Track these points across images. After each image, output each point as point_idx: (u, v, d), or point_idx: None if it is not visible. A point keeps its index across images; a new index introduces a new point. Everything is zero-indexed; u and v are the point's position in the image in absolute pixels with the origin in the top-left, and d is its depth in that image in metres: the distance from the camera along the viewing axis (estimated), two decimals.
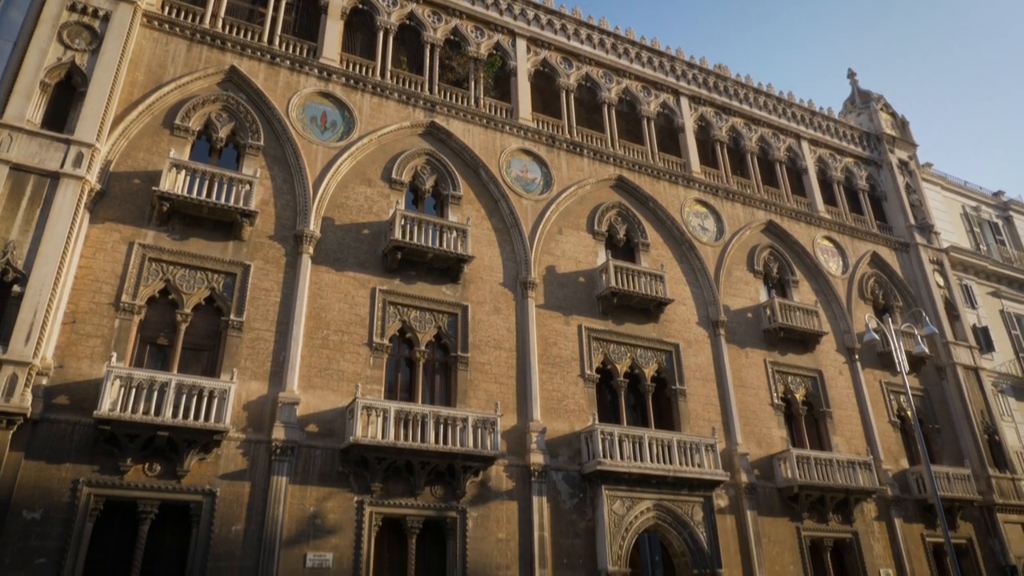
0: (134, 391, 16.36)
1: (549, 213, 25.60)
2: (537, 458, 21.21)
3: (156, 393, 16.65)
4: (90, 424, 16.26)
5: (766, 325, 28.18)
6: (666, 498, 22.37)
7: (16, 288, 16.45)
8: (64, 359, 16.94)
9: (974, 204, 41.17)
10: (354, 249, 21.80)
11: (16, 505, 15.22)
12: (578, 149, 27.68)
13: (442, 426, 19.44)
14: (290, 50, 23.79)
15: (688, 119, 31.68)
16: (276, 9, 24.28)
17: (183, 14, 22.46)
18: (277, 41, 23.67)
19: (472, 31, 27.77)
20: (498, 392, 21.85)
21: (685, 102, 32.02)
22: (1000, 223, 41.53)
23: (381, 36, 25.77)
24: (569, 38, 30.06)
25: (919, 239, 35.22)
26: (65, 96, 19.36)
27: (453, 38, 27.53)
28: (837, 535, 25.58)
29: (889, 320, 22.89)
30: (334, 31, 24.77)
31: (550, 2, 29.98)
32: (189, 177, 19.47)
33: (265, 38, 23.50)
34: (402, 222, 21.84)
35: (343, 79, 24.08)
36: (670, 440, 22.72)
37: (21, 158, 17.69)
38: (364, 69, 24.92)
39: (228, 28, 23.11)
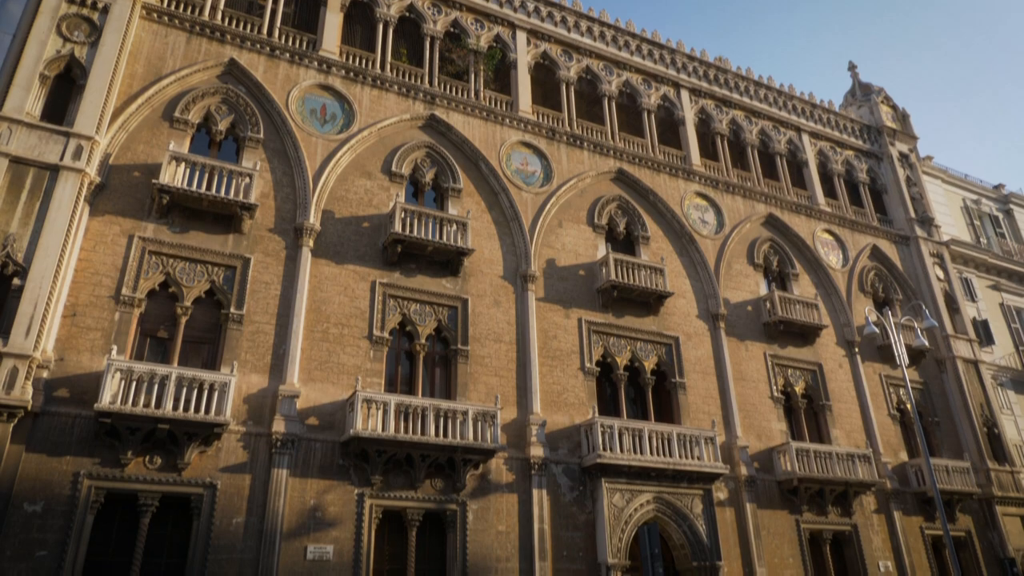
0: (134, 384, 16.39)
1: (549, 206, 25.57)
2: (537, 451, 21.25)
3: (156, 386, 16.67)
4: (91, 417, 16.29)
5: (766, 318, 28.19)
6: (666, 491, 22.43)
7: (16, 281, 16.46)
8: (64, 352, 16.95)
9: (975, 197, 41.14)
10: (354, 242, 21.79)
11: (17, 497, 15.27)
12: (578, 142, 27.63)
13: (442, 419, 19.47)
14: (289, 42, 23.73)
15: (688, 112, 31.62)
16: (275, 1, 24.21)
17: (182, 6, 22.40)
18: (276, 33, 23.61)
19: (472, 23, 27.69)
20: (498, 385, 21.88)
21: (685, 95, 31.95)
22: (1000, 216, 41.50)
23: (381, 28, 25.69)
24: (569, 30, 29.98)
25: (919, 232, 35.20)
26: (64, 89, 19.33)
27: (453, 30, 27.45)
28: (836, 528, 25.66)
29: (889, 313, 22.88)
30: (333, 23, 24.70)
31: None
32: (189, 170, 19.45)
33: (264, 30, 23.45)
34: (402, 215, 21.82)
35: (343, 71, 24.02)
36: (670, 433, 22.76)
37: (21, 151, 17.67)
38: (364, 61, 24.85)
39: (227, 20, 23.04)
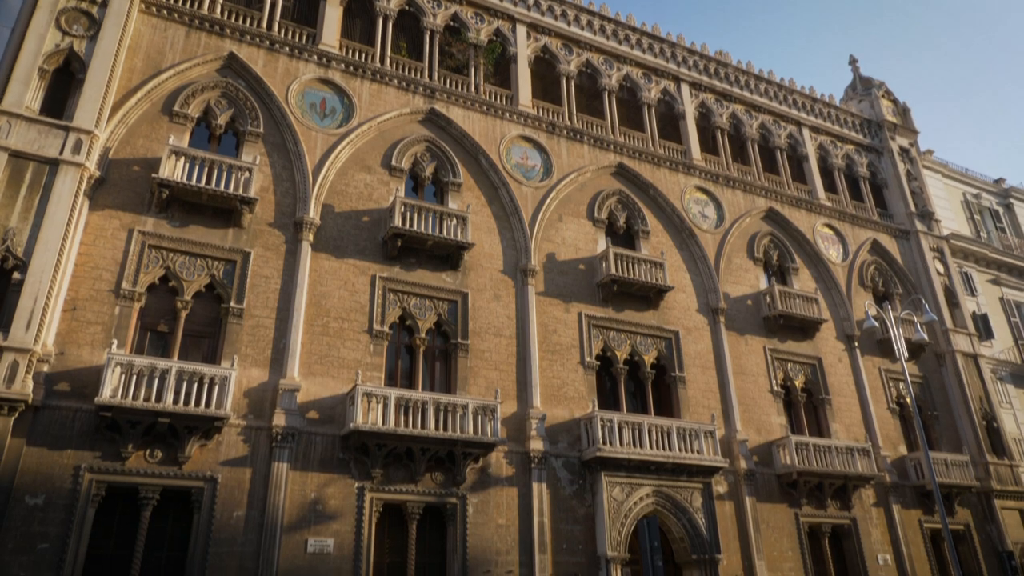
0: (135, 378, 16.41)
1: (549, 200, 25.56)
2: (537, 444, 21.29)
3: (157, 380, 16.70)
4: (91, 411, 16.32)
5: (766, 312, 28.21)
6: (665, 484, 22.48)
7: (16, 275, 16.47)
8: (65, 346, 16.97)
9: (975, 191, 41.09)
10: (354, 236, 21.79)
11: (18, 491, 15.31)
12: (578, 136, 27.61)
13: (442, 413, 19.50)
14: (289, 36, 23.68)
15: (689, 106, 31.57)
16: None
17: (181, 0, 22.34)
18: (276, 27, 23.56)
19: (472, 17, 27.63)
20: (498, 379, 21.91)
21: (686, 89, 31.90)
22: (1001, 210, 41.46)
23: (380, 22, 25.63)
24: (569, 24, 29.91)
25: (919, 226, 35.18)
26: (64, 82, 19.30)
27: (453, 24, 27.39)
28: (835, 521, 25.72)
29: (889, 307, 22.93)
30: (333, 17, 24.65)
31: None
32: (188, 164, 19.43)
33: (264, 24, 23.38)
34: (402, 209, 21.82)
35: (342, 65, 23.98)
36: (669, 427, 22.80)
37: (20, 145, 17.66)
38: (363, 55, 24.81)
39: (227, 14, 22.97)
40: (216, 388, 17.22)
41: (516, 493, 20.67)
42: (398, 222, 21.51)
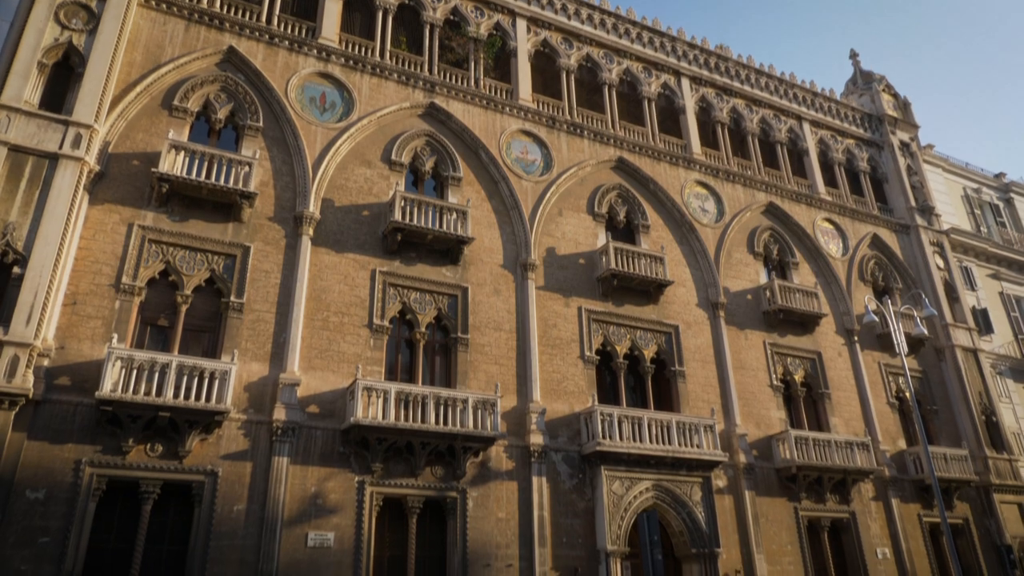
0: (135, 372, 16.43)
1: (549, 195, 25.55)
2: (537, 439, 21.33)
3: (157, 374, 16.72)
4: (92, 405, 16.34)
5: (766, 307, 28.21)
6: (665, 478, 22.52)
7: (16, 270, 16.48)
8: (65, 340, 16.99)
9: (975, 186, 41.05)
10: (354, 231, 21.78)
11: (19, 485, 15.35)
12: (578, 130, 27.57)
13: (442, 407, 19.53)
14: (289, 30, 23.63)
15: (689, 100, 31.52)
16: None
17: None
18: (275, 21, 23.50)
19: (472, 11, 27.55)
20: (498, 373, 21.93)
21: (686, 83, 31.84)
22: (1001, 205, 41.43)
23: (380, 16, 25.57)
24: (570, 18, 29.83)
25: (920, 221, 35.17)
26: (63, 77, 19.27)
27: (453, 18, 27.31)
28: (834, 515, 25.78)
29: (888, 302, 22.90)
30: (333, 11, 24.58)
31: None
32: (188, 158, 19.42)
33: (263, 18, 23.33)
34: (402, 203, 21.81)
35: (342, 59, 23.93)
36: (669, 421, 22.84)
37: (19, 139, 17.65)
38: (363, 49, 24.75)
39: (226, 8, 22.91)
40: (216, 382, 17.25)
41: (516, 487, 20.71)
42: (398, 216, 21.50)
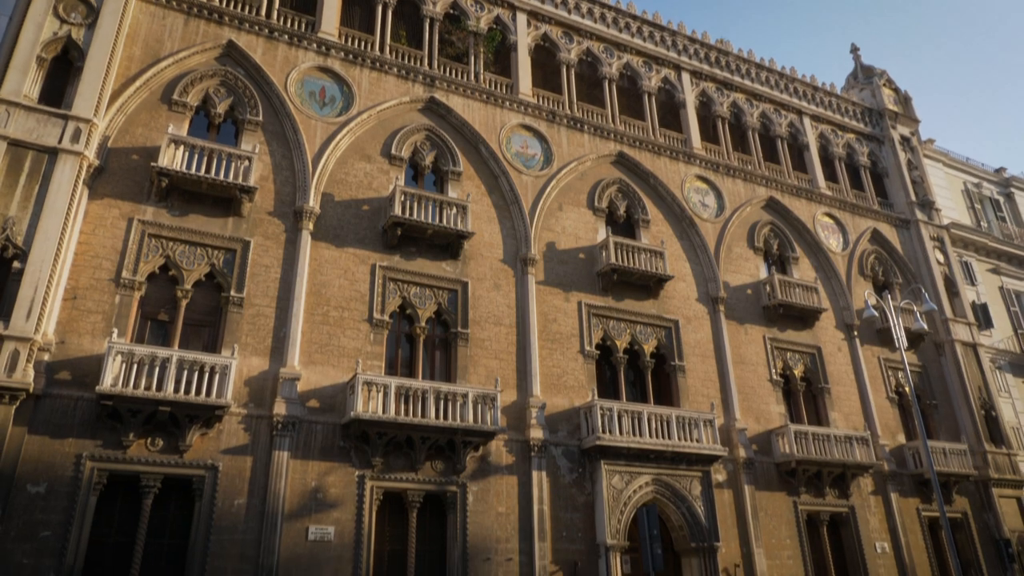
0: (136, 367, 16.45)
1: (549, 189, 25.52)
2: (537, 433, 21.35)
3: (158, 369, 16.74)
4: (92, 399, 16.36)
5: (766, 302, 28.22)
6: (664, 473, 22.56)
7: (16, 264, 16.47)
8: (65, 335, 17.00)
9: (975, 181, 41.01)
10: (354, 225, 21.77)
11: (20, 479, 15.38)
12: (579, 125, 27.52)
13: (442, 401, 19.56)
14: (288, 24, 23.56)
15: (689, 95, 31.46)
16: None
17: None
18: (275, 15, 23.42)
19: (472, 5, 27.47)
20: (498, 368, 21.95)
21: (686, 77, 31.77)
22: (1001, 200, 41.39)
23: (380, 10, 25.49)
24: (570, 12, 29.74)
25: (920, 216, 35.14)
26: (62, 71, 19.22)
27: (453, 12, 27.22)
28: (834, 509, 25.83)
29: (888, 297, 22.95)
30: (332, 5, 24.51)
31: None
32: (188, 153, 19.39)
33: (263, 12, 23.24)
34: (402, 198, 21.79)
35: (342, 54, 23.88)
36: (669, 416, 22.87)
37: (19, 133, 17.61)
38: (363, 44, 24.69)
39: (225, 2, 22.80)
40: (217, 377, 17.27)
41: (516, 481, 20.75)
42: (398, 211, 21.48)
